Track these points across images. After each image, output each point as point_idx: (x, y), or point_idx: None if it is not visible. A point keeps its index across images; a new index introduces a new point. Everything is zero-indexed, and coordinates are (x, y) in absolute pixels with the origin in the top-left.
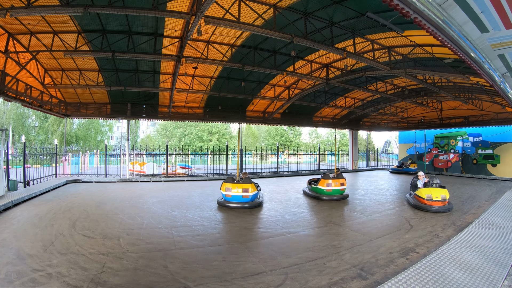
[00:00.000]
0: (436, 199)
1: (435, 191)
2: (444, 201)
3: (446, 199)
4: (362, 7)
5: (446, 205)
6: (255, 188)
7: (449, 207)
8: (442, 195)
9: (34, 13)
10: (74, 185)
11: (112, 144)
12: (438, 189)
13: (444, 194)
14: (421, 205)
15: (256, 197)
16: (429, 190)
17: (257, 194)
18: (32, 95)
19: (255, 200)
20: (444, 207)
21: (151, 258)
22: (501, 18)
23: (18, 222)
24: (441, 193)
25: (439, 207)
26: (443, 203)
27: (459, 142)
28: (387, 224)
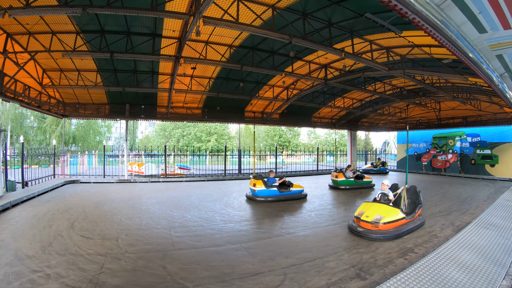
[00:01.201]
0: (365, 220)
1: (371, 208)
2: (376, 224)
3: (385, 221)
4: (360, 7)
5: (385, 231)
6: (262, 184)
7: (391, 235)
8: (378, 215)
9: (33, 14)
10: (73, 186)
11: (110, 144)
12: (379, 206)
13: (384, 214)
14: (352, 224)
15: (268, 193)
16: (366, 205)
17: (265, 190)
18: (30, 96)
19: (259, 195)
20: (379, 233)
21: (149, 259)
22: (499, 18)
23: (17, 223)
24: (378, 212)
25: (369, 231)
26: (375, 227)
27: (457, 142)
28: None
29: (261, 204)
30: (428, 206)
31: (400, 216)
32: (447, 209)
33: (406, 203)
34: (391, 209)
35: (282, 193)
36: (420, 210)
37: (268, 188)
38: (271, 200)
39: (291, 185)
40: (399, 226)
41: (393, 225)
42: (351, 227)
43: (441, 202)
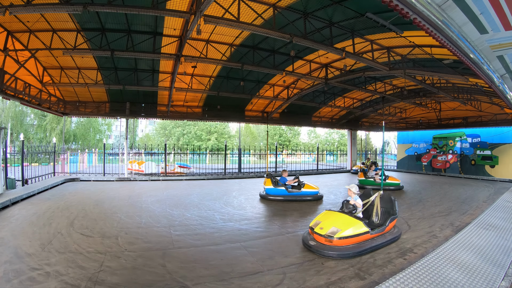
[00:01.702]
0: (319, 232)
1: (329, 218)
2: (330, 238)
3: (342, 235)
4: (361, 7)
5: (341, 247)
6: (270, 183)
7: (349, 252)
8: (334, 227)
9: (34, 11)
10: (73, 184)
11: (110, 143)
12: (338, 216)
13: (342, 227)
14: (305, 236)
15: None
16: (325, 214)
17: (272, 189)
18: (30, 93)
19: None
20: (334, 249)
21: (149, 257)
22: (501, 19)
23: (16, 221)
24: (335, 224)
25: (322, 246)
26: (329, 242)
27: (457, 143)
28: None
29: (266, 203)
30: (428, 206)
31: (362, 230)
32: (447, 209)
33: (379, 213)
34: (352, 221)
35: (291, 193)
36: (394, 222)
37: (276, 187)
38: (280, 200)
39: (302, 186)
40: (361, 242)
41: (352, 240)
42: (304, 239)
43: (441, 202)
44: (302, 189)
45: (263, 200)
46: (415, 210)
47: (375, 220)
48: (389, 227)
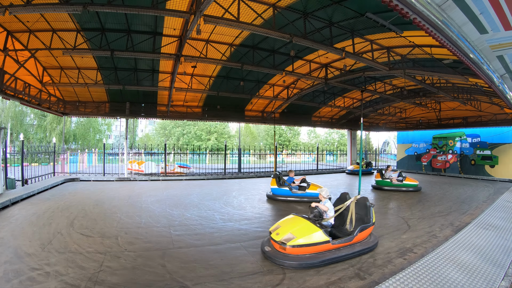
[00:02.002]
0: (274, 238)
1: (289, 223)
2: (283, 245)
3: (296, 243)
4: (361, 7)
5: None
6: (274, 183)
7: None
8: (290, 233)
9: (33, 11)
10: (72, 184)
11: (110, 142)
12: (298, 221)
13: (298, 234)
14: (264, 241)
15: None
16: (288, 219)
17: (277, 189)
18: (30, 93)
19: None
20: (287, 258)
21: (149, 257)
22: (500, 19)
23: (16, 221)
24: (292, 230)
25: (276, 253)
26: (283, 249)
27: (457, 142)
28: (385, 224)
29: (268, 203)
30: (428, 206)
31: (320, 239)
32: (447, 209)
33: (353, 220)
34: (310, 228)
35: (295, 193)
36: (368, 231)
37: (280, 187)
38: (286, 200)
39: (308, 187)
40: (321, 252)
41: (307, 249)
42: (262, 244)
43: (441, 202)
44: (307, 190)
45: (269, 200)
46: (415, 210)
47: (348, 228)
48: (360, 237)
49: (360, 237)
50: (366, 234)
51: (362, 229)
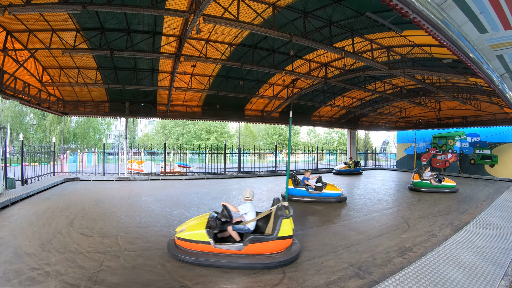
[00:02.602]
0: (176, 229)
1: (195, 218)
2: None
3: (181, 236)
4: (361, 6)
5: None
6: (291, 183)
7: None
8: (184, 226)
9: (33, 11)
10: (72, 184)
11: (110, 142)
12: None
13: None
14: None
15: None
16: (198, 217)
17: (294, 190)
18: (30, 93)
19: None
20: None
21: (148, 257)
22: (500, 19)
23: (16, 220)
24: (189, 223)
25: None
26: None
27: (457, 142)
28: (384, 223)
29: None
30: (428, 205)
31: (201, 238)
32: (446, 208)
33: (272, 228)
34: (199, 224)
35: (311, 194)
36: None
37: (297, 188)
38: (302, 200)
39: (324, 187)
40: (203, 251)
41: (191, 245)
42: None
43: (440, 201)
44: (324, 190)
45: (293, 201)
46: (414, 209)
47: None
48: (253, 250)
49: (254, 250)
50: (262, 248)
51: (252, 240)
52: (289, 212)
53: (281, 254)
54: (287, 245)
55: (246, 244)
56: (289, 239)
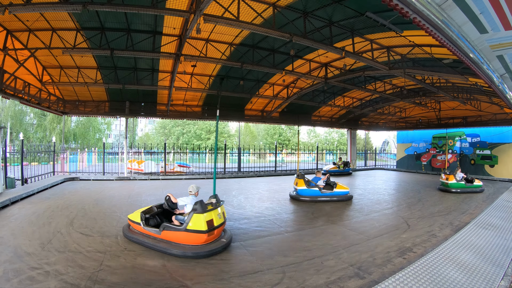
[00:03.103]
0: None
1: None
2: None
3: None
4: (361, 6)
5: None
6: (303, 184)
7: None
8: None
9: (33, 11)
10: (72, 183)
11: (110, 142)
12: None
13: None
14: None
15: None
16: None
17: (306, 190)
18: (30, 93)
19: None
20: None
21: (148, 256)
22: (500, 19)
23: (16, 220)
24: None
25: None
26: None
27: (457, 142)
28: (384, 223)
29: (269, 202)
30: (427, 205)
31: (137, 219)
32: (446, 209)
33: None
34: (141, 209)
35: (324, 193)
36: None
37: (309, 188)
38: (312, 200)
39: (334, 186)
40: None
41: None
42: None
43: (440, 202)
44: (335, 190)
45: (293, 201)
46: (414, 210)
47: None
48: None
49: (169, 237)
50: (176, 237)
51: (165, 227)
52: (212, 206)
53: (195, 247)
54: (200, 240)
55: (161, 230)
56: (200, 234)
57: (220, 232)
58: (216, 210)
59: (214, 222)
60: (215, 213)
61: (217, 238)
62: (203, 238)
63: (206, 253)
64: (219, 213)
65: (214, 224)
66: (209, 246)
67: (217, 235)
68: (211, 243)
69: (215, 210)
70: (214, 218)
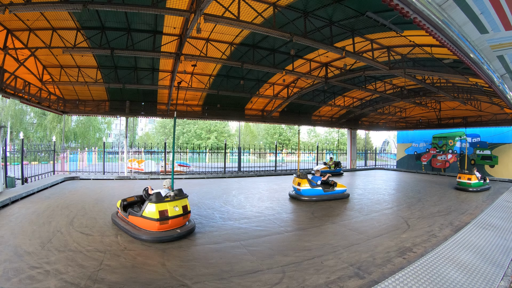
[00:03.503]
0: None
1: None
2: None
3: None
4: (362, 6)
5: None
6: (307, 184)
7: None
8: None
9: (33, 10)
10: (72, 182)
11: (110, 141)
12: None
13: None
14: None
15: (313, 193)
16: None
17: (310, 190)
18: (30, 92)
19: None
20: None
21: (148, 256)
22: (501, 19)
23: (16, 219)
24: None
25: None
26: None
27: (457, 142)
28: (384, 223)
29: (268, 202)
30: (427, 205)
31: (118, 205)
32: (446, 209)
33: None
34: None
35: (326, 192)
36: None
37: (313, 188)
38: (315, 200)
39: (335, 185)
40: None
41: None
42: None
43: (440, 202)
44: (336, 188)
45: (293, 200)
46: (414, 210)
47: None
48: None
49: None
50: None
51: (130, 212)
52: (169, 199)
53: (150, 232)
54: (153, 226)
55: (128, 214)
56: (153, 221)
57: (176, 223)
58: (172, 203)
59: (169, 213)
60: (170, 205)
61: (173, 228)
62: (155, 225)
63: (156, 239)
64: (176, 206)
65: (168, 215)
66: (164, 233)
67: (172, 225)
68: (167, 231)
69: (171, 202)
70: (168, 209)
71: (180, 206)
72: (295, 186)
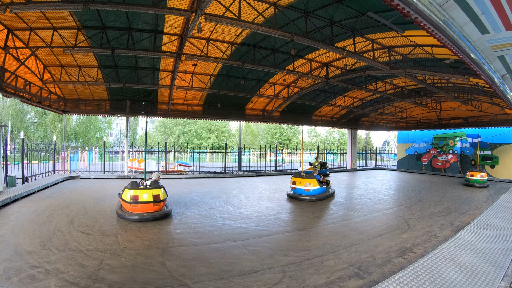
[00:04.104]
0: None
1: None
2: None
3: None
4: (362, 6)
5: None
6: (317, 184)
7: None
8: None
9: (34, 9)
10: (73, 182)
11: (110, 141)
12: None
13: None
14: None
15: (320, 192)
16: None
17: (319, 189)
18: (31, 91)
19: (319, 194)
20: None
21: (149, 255)
22: (502, 19)
23: (16, 219)
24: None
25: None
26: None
27: (457, 142)
28: (385, 223)
29: (267, 202)
30: (428, 206)
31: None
32: (447, 209)
33: None
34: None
35: (327, 190)
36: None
37: (322, 187)
38: (315, 200)
39: (329, 184)
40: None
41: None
42: None
43: (441, 202)
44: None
45: (293, 200)
46: (414, 210)
47: None
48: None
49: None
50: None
51: (119, 195)
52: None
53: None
54: (126, 207)
55: (119, 197)
56: (125, 203)
57: (145, 208)
58: (143, 191)
59: (139, 198)
60: (141, 192)
61: (142, 212)
62: (127, 206)
63: (129, 218)
64: (146, 194)
65: (138, 200)
66: (135, 215)
67: (142, 209)
68: (138, 213)
69: (142, 190)
70: (139, 195)
71: (151, 195)
72: (301, 187)
